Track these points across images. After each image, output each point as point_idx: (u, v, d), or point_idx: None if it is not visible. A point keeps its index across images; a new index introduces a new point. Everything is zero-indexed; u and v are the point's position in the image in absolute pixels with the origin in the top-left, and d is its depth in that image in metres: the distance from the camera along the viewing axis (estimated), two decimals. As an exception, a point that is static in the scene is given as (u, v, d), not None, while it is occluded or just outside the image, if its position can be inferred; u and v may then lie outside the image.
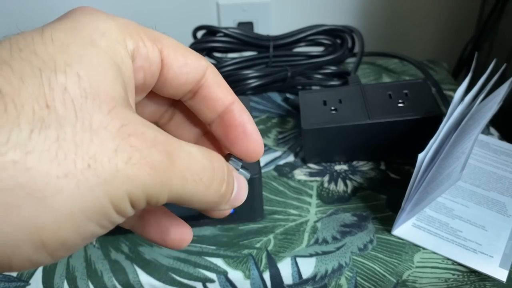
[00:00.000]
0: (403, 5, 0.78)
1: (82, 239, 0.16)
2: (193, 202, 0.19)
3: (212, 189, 0.19)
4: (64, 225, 0.15)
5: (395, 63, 0.64)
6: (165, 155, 0.17)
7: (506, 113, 0.53)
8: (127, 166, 0.16)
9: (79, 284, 0.36)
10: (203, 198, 0.19)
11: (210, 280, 0.37)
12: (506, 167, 0.45)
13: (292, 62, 0.58)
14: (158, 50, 0.20)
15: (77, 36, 0.17)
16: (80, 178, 0.15)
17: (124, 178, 0.16)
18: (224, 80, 0.22)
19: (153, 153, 0.16)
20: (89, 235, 0.16)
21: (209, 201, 0.19)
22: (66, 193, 0.15)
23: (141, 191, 0.16)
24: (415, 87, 0.47)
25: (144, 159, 0.16)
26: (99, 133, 0.16)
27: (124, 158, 0.16)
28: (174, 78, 0.21)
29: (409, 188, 0.37)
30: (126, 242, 0.39)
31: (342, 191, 0.44)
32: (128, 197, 0.16)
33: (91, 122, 0.16)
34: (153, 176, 0.16)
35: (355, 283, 0.37)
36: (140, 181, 0.16)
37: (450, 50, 0.80)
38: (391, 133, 0.45)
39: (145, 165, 0.16)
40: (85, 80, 0.16)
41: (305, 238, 0.39)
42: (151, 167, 0.16)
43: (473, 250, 0.37)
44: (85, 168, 0.15)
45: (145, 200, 0.17)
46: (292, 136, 0.51)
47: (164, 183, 0.17)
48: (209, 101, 0.22)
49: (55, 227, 0.15)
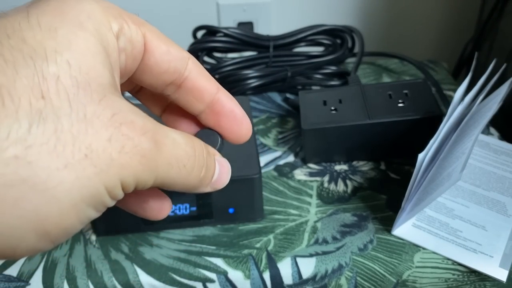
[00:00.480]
0: (403, 5, 0.78)
1: (81, 223, 0.17)
2: (175, 186, 0.20)
3: (193, 175, 0.20)
4: (67, 214, 0.16)
5: (395, 63, 0.64)
6: (153, 143, 0.18)
7: (506, 113, 0.53)
8: (121, 155, 0.17)
9: (79, 284, 0.36)
10: (184, 182, 0.20)
11: (210, 280, 0.37)
12: (506, 167, 0.45)
13: (292, 62, 0.58)
14: (142, 34, 0.20)
15: (64, 19, 0.17)
16: (79, 168, 0.16)
17: (118, 167, 0.17)
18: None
19: (143, 142, 0.17)
20: (86, 219, 0.17)
21: (189, 184, 0.20)
22: (67, 184, 0.15)
23: (132, 177, 0.17)
24: (415, 87, 0.47)
25: (135, 147, 0.17)
26: (93, 123, 0.16)
27: (117, 147, 0.16)
28: (155, 65, 0.21)
29: (409, 188, 0.37)
30: (126, 242, 0.39)
31: (342, 191, 0.44)
32: (121, 183, 0.17)
33: (85, 112, 0.16)
34: (143, 164, 0.17)
35: (355, 283, 0.37)
36: (132, 169, 0.17)
37: (450, 50, 0.80)
38: (391, 133, 0.45)
39: (136, 154, 0.17)
40: (75, 68, 0.16)
41: (305, 238, 0.39)
42: (142, 155, 0.17)
43: (473, 250, 0.37)
44: (82, 158, 0.16)
45: (135, 185, 0.18)
46: (292, 136, 0.51)
47: (152, 170, 0.18)
48: (196, 93, 0.22)
49: (58, 217, 0.16)
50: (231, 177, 0.37)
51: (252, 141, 0.41)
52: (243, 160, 0.39)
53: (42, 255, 0.38)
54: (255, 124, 0.53)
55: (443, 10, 0.78)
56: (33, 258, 0.38)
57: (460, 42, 0.75)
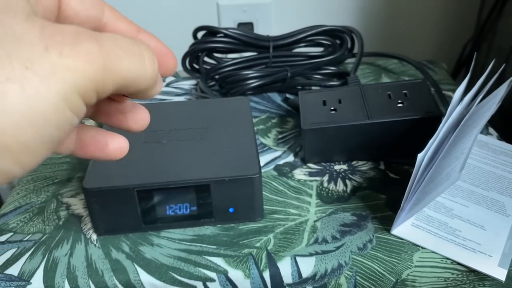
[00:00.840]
0: (402, 6, 0.78)
1: (44, 142, 0.17)
2: (138, 82, 0.20)
3: (146, 62, 0.20)
4: (22, 126, 0.16)
5: (395, 63, 0.64)
6: (91, 40, 0.18)
7: (505, 113, 0.54)
8: (62, 58, 0.17)
9: (80, 284, 0.36)
10: (143, 73, 0.20)
11: (211, 279, 0.37)
12: (505, 167, 0.45)
13: (292, 63, 0.58)
14: None
15: None
16: (22, 79, 0.16)
17: (64, 71, 0.17)
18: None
19: (81, 42, 0.17)
20: (49, 137, 0.17)
21: (149, 75, 0.20)
22: (13, 95, 0.16)
23: (85, 80, 0.17)
24: (414, 87, 0.47)
25: (74, 49, 0.17)
26: (25, 38, 0.16)
27: (55, 53, 0.17)
28: (74, 16, 0.21)
29: (409, 187, 0.37)
30: (126, 241, 0.39)
31: (341, 190, 0.44)
32: (76, 90, 0.17)
33: (14, 31, 0.16)
34: (91, 62, 0.17)
35: (354, 282, 0.37)
36: (79, 70, 0.17)
37: (449, 50, 0.80)
38: (390, 133, 0.45)
39: (78, 53, 0.17)
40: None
41: (305, 238, 0.39)
42: (85, 53, 0.17)
43: (472, 249, 0.37)
44: (23, 69, 0.16)
45: (94, 90, 0.18)
46: (292, 136, 0.51)
47: (104, 67, 0.18)
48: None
49: (14, 130, 0.16)
50: (231, 176, 0.38)
51: (252, 141, 0.42)
52: (243, 160, 0.39)
53: (43, 255, 0.38)
54: (255, 124, 0.53)
55: (442, 11, 0.79)
56: (34, 258, 0.38)
57: (459, 43, 0.75)
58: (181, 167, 0.39)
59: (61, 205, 0.43)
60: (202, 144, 0.41)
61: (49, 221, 0.41)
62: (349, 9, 0.78)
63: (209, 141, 0.42)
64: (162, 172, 0.38)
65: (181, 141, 0.42)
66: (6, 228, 0.41)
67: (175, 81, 0.62)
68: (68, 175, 0.47)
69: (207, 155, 0.40)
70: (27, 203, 0.44)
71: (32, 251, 0.39)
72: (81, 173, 0.47)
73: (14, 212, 0.43)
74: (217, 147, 0.41)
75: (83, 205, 0.43)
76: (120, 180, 0.37)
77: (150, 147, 0.41)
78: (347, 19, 0.78)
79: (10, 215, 0.42)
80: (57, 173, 0.47)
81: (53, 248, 0.39)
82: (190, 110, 0.46)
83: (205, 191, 0.38)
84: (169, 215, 0.39)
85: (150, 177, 0.38)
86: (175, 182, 0.38)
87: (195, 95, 0.58)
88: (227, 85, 0.55)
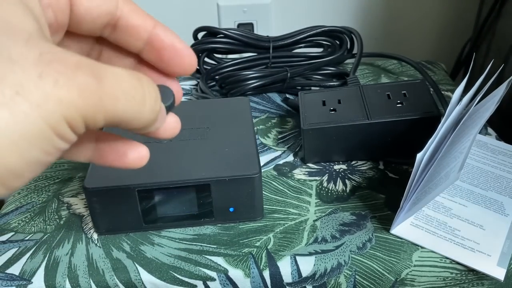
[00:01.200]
0: (401, 6, 0.78)
1: (29, 165, 0.17)
2: (132, 122, 0.19)
3: (147, 106, 0.19)
4: (9, 152, 0.16)
5: (394, 64, 0.64)
6: (91, 76, 0.17)
7: (504, 113, 0.54)
8: (55, 89, 0.16)
9: (81, 283, 0.36)
10: (139, 116, 0.19)
11: (211, 279, 0.37)
12: (503, 167, 0.45)
13: (291, 63, 0.58)
14: None
15: None
16: (12, 105, 0.15)
17: (56, 101, 0.16)
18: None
19: (79, 75, 0.17)
20: (34, 161, 0.17)
21: (146, 118, 0.20)
22: (1, 121, 0.15)
23: (75, 113, 0.17)
24: (413, 88, 0.47)
25: (70, 81, 0.16)
26: (20, 63, 0.16)
27: (50, 82, 0.16)
28: (86, 13, 0.21)
29: (408, 187, 0.37)
30: (127, 241, 0.39)
31: (341, 190, 0.44)
32: (65, 120, 0.17)
33: (10, 54, 0.16)
34: (84, 97, 0.17)
35: (354, 281, 0.37)
36: (72, 103, 0.16)
37: (448, 51, 0.81)
38: (390, 133, 0.45)
39: (72, 86, 0.16)
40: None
41: (304, 237, 0.39)
42: (80, 89, 0.17)
43: (471, 249, 0.37)
44: (14, 95, 0.16)
45: (83, 122, 0.17)
46: (291, 136, 0.51)
47: (96, 104, 0.17)
48: (131, 30, 0.22)
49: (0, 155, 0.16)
50: (232, 176, 0.38)
51: (252, 141, 0.42)
52: (243, 160, 0.40)
53: (44, 254, 0.38)
54: (255, 124, 0.53)
55: (441, 11, 0.79)
56: (35, 257, 0.38)
57: (458, 43, 0.75)
58: (182, 166, 0.39)
59: (62, 205, 0.43)
60: (202, 144, 0.42)
61: (50, 221, 0.42)
62: (349, 9, 0.78)
63: (210, 141, 0.42)
64: (162, 171, 0.38)
65: (182, 141, 0.42)
66: (7, 228, 0.41)
67: (175, 81, 0.62)
68: (69, 174, 0.47)
69: (207, 155, 0.40)
70: (28, 203, 0.44)
71: (33, 251, 0.39)
72: (82, 173, 0.47)
73: (15, 212, 0.43)
74: (218, 147, 0.41)
75: (84, 204, 0.43)
76: (121, 179, 0.38)
77: (150, 147, 0.41)
78: (346, 20, 0.79)
79: (11, 214, 0.43)
80: (58, 172, 0.47)
81: (54, 248, 0.39)
82: (191, 110, 0.46)
83: (205, 191, 0.38)
84: (169, 214, 0.39)
85: (150, 177, 0.38)
86: (175, 181, 0.38)
87: (195, 95, 0.58)
88: (227, 86, 0.56)
